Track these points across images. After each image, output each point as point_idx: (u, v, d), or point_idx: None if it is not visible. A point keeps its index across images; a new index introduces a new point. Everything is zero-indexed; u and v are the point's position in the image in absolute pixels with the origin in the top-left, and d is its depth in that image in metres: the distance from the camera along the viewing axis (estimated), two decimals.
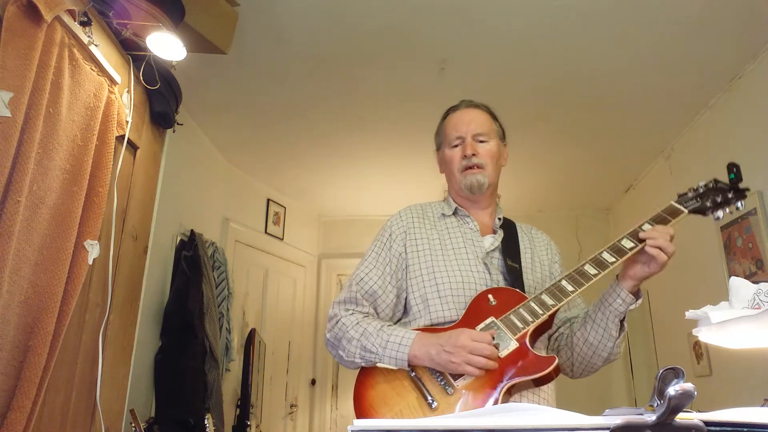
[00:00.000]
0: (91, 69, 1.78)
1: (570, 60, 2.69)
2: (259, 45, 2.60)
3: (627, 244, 1.30)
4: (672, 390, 0.52)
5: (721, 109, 2.92)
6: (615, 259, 1.29)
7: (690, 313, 1.08)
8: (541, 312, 1.26)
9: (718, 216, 1.38)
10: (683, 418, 0.55)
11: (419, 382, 1.25)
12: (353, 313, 1.41)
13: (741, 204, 1.39)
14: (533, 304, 1.28)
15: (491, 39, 2.56)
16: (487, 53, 2.67)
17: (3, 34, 1.38)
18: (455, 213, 1.55)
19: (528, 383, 1.23)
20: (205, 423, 2.45)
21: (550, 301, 1.28)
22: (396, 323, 1.45)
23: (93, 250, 1.70)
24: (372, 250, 1.51)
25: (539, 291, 1.31)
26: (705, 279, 3.01)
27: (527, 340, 1.24)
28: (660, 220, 1.35)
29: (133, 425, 2.02)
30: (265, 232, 4.25)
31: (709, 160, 2.94)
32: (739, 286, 1.06)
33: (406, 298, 1.44)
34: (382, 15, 2.40)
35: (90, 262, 1.69)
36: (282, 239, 4.41)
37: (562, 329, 1.47)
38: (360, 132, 3.46)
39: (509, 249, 1.49)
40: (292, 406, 4.24)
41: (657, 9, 2.32)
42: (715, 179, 1.42)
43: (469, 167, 1.49)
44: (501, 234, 1.51)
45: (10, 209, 1.37)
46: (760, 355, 2.10)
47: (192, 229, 3.14)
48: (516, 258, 1.48)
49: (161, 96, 2.28)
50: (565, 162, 3.80)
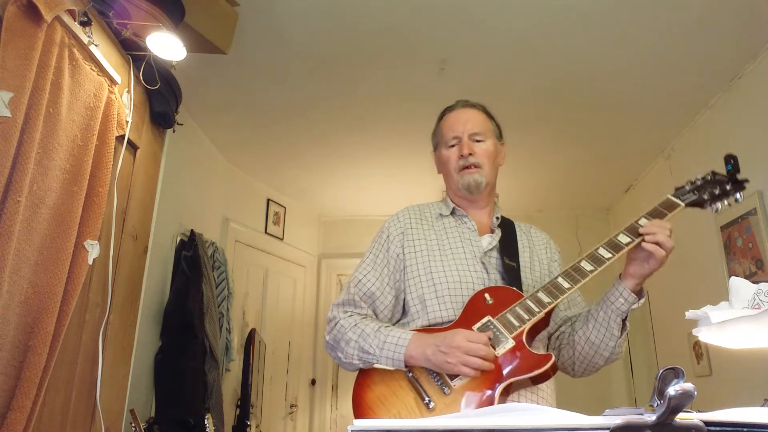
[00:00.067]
0: (91, 69, 1.78)
1: (570, 60, 2.69)
2: (259, 45, 2.60)
3: (623, 239, 1.29)
4: (672, 390, 0.52)
5: (721, 109, 2.91)
6: (611, 255, 1.28)
7: (690, 313, 1.08)
8: (538, 310, 1.26)
9: (716, 208, 1.37)
10: (683, 418, 0.55)
11: (416, 382, 1.25)
12: (351, 315, 1.41)
13: (740, 196, 1.37)
14: (530, 302, 1.28)
15: (491, 39, 2.56)
16: (487, 53, 2.67)
17: (3, 34, 1.38)
18: (453, 213, 1.54)
19: (526, 382, 1.22)
20: (205, 423, 2.45)
21: (546, 299, 1.27)
22: (395, 324, 1.45)
23: (93, 250, 1.70)
24: (370, 252, 1.51)
25: (536, 289, 1.31)
26: (705, 279, 3.01)
27: (524, 338, 1.23)
28: (656, 214, 1.33)
29: (133, 425, 2.02)
30: (265, 232, 4.25)
31: (709, 160, 2.90)
32: (739, 286, 1.06)
33: (404, 299, 1.44)
34: (382, 15, 2.40)
35: (90, 262, 1.69)
36: (282, 239, 4.41)
37: (563, 328, 1.46)
38: (360, 132, 3.46)
39: (507, 248, 1.48)
40: (292, 406, 4.24)
41: (657, 9, 2.32)
42: (713, 171, 1.41)
43: (466, 167, 1.49)
44: (499, 233, 1.51)
45: (10, 209, 1.37)
46: (760, 355, 2.10)
47: (192, 229, 3.14)
48: (514, 257, 1.47)
49: (161, 96, 2.28)
50: (565, 162, 3.80)
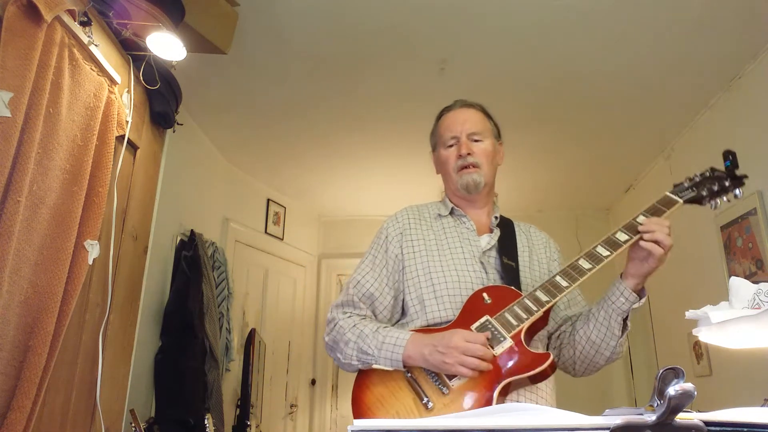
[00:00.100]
0: (91, 69, 1.78)
1: (570, 60, 2.69)
2: (259, 45, 2.60)
3: (621, 237, 1.29)
4: (672, 390, 0.52)
5: (721, 109, 2.91)
6: (609, 253, 1.27)
7: (690, 313, 1.08)
8: (536, 309, 1.25)
9: (715, 205, 1.36)
10: (683, 418, 0.55)
11: (415, 383, 1.25)
12: (351, 316, 1.41)
13: (739, 192, 1.36)
14: (528, 301, 1.27)
15: (491, 39, 2.56)
16: (487, 53, 2.67)
17: (3, 34, 1.38)
18: (451, 213, 1.54)
19: (524, 381, 1.22)
20: (205, 423, 2.45)
21: (544, 298, 1.27)
22: (394, 325, 1.44)
23: (93, 250, 1.70)
24: (369, 252, 1.51)
25: (534, 288, 1.31)
26: (705, 279, 3.01)
27: (522, 337, 1.23)
28: (655, 211, 1.33)
29: (133, 425, 2.02)
30: (265, 232, 4.25)
31: (709, 160, 2.88)
32: (739, 286, 1.06)
33: (403, 299, 1.44)
34: (382, 15, 2.40)
35: (90, 262, 1.69)
36: (282, 239, 4.41)
37: (563, 327, 1.45)
38: (360, 132, 3.46)
39: (506, 247, 1.48)
40: (292, 406, 4.24)
41: (657, 9, 2.32)
42: (712, 168, 1.40)
43: (465, 167, 1.49)
44: (498, 233, 1.51)
45: (10, 209, 1.37)
46: (760, 355, 2.10)
47: (192, 229, 3.13)
48: (513, 256, 1.47)
49: (161, 96, 2.28)
50: (565, 162, 3.80)
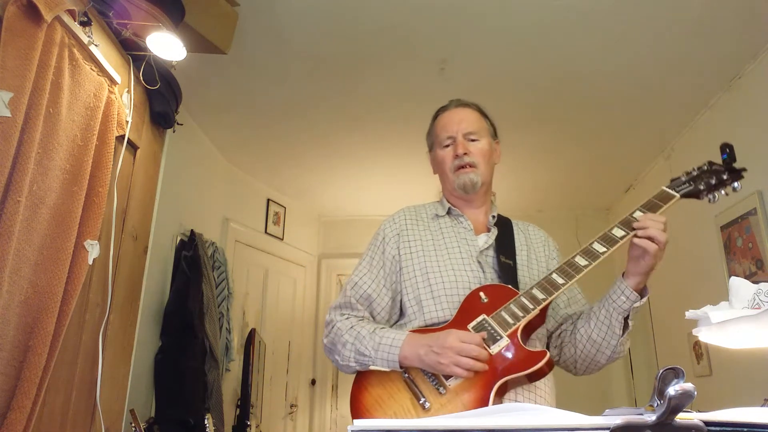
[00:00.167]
0: (91, 69, 1.78)
1: (570, 60, 2.69)
2: (259, 45, 2.60)
3: (618, 232, 1.28)
4: (672, 390, 0.52)
5: (721, 109, 2.91)
6: (606, 249, 1.26)
7: (690, 313, 1.08)
8: (532, 307, 1.25)
9: (713, 198, 1.35)
10: (683, 418, 0.55)
11: (412, 383, 1.25)
12: (348, 318, 1.41)
13: (737, 185, 1.34)
14: (524, 299, 1.27)
15: (491, 39, 2.56)
16: (487, 53, 2.67)
17: (3, 34, 1.38)
18: (449, 213, 1.54)
19: (522, 379, 1.21)
20: (205, 423, 2.45)
21: (540, 295, 1.26)
22: (393, 326, 1.44)
23: (93, 250, 1.70)
24: (366, 254, 1.51)
25: (531, 286, 1.30)
26: (705, 279, 3.01)
27: (519, 335, 1.23)
28: (651, 206, 1.32)
29: (133, 425, 2.02)
30: (265, 232, 4.25)
31: (710, 159, 2.93)
32: (739, 286, 1.06)
33: (401, 300, 1.44)
34: (382, 15, 2.40)
35: (90, 262, 1.69)
36: (282, 239, 4.41)
37: (564, 326, 1.45)
38: (360, 132, 3.45)
39: (504, 246, 1.48)
40: (292, 406, 4.24)
41: (657, 9, 2.32)
42: (710, 161, 1.39)
43: (462, 166, 1.48)
44: (495, 231, 1.50)
45: (10, 209, 1.37)
46: (760, 355, 2.10)
47: (192, 229, 3.13)
48: (511, 255, 1.46)
49: (161, 96, 2.28)
50: (565, 162, 3.79)
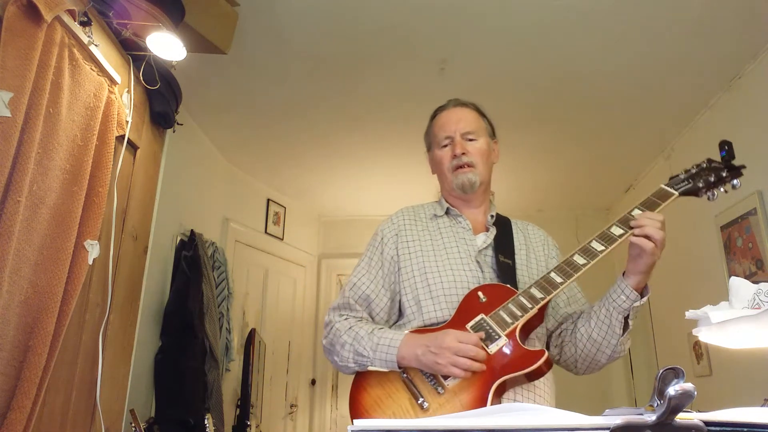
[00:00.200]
0: (91, 69, 1.78)
1: (570, 60, 2.69)
2: (259, 45, 2.60)
3: (616, 231, 1.28)
4: (672, 390, 0.52)
5: (721, 109, 2.91)
6: (604, 248, 1.26)
7: (690, 313, 1.08)
8: (530, 306, 1.25)
9: (712, 196, 1.35)
10: (683, 418, 0.55)
11: (411, 383, 1.25)
12: (347, 318, 1.41)
13: (737, 182, 1.34)
14: (522, 298, 1.27)
15: (491, 39, 2.56)
16: (487, 53, 2.67)
17: (3, 34, 1.38)
18: (447, 213, 1.54)
19: (520, 379, 1.21)
20: (205, 423, 2.45)
21: (539, 295, 1.26)
22: (392, 326, 1.44)
23: (93, 250, 1.70)
24: (365, 255, 1.51)
25: (529, 285, 1.30)
26: (705, 279, 3.01)
27: (517, 335, 1.23)
28: (650, 204, 1.32)
29: (133, 425, 2.02)
30: (265, 232, 4.25)
31: None
32: (739, 286, 1.06)
33: (399, 300, 1.44)
34: (382, 15, 2.40)
35: (90, 262, 1.69)
36: (282, 239, 4.41)
37: (564, 325, 1.45)
38: (360, 132, 3.45)
39: (503, 245, 1.47)
40: (292, 406, 4.24)
41: (657, 9, 2.32)
42: (708, 159, 1.39)
43: (460, 166, 1.48)
44: (494, 231, 1.50)
45: (10, 209, 1.37)
46: (760, 355, 2.10)
47: (192, 229, 3.13)
48: (510, 254, 1.46)
49: (161, 96, 2.28)
50: (565, 162, 3.79)
